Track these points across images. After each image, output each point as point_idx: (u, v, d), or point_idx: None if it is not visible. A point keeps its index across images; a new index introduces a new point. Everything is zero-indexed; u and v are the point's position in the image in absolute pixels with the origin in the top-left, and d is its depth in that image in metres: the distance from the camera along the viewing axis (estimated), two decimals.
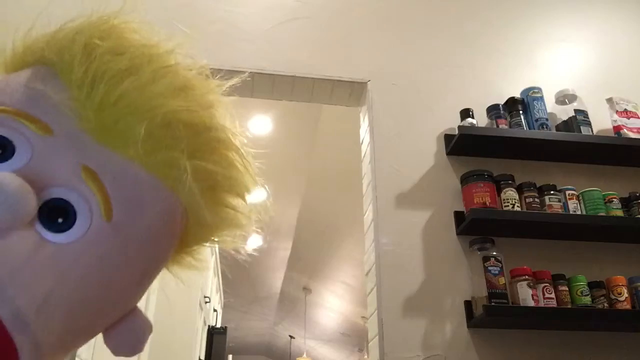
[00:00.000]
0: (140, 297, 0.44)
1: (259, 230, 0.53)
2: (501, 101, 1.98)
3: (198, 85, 0.46)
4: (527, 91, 2.02)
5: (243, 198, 0.49)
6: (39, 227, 0.33)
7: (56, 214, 0.34)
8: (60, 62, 0.40)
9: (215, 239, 0.51)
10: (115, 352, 0.42)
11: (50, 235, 0.33)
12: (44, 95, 0.38)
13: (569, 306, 1.69)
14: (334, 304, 6.99)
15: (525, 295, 1.64)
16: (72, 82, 0.38)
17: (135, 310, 0.43)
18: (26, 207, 0.31)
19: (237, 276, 6.51)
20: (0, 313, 0.30)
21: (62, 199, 0.34)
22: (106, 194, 0.36)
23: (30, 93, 0.38)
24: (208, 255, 4.36)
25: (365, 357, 6.55)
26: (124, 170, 0.37)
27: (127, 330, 0.42)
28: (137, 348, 0.42)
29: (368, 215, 1.91)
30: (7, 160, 0.33)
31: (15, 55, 0.47)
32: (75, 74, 0.39)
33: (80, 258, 0.34)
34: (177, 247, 0.47)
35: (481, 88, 2.09)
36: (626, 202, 1.87)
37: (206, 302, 4.38)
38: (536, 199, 1.80)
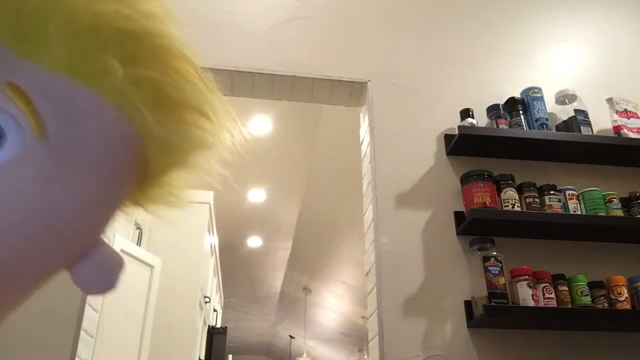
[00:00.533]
0: (100, 229, 0.39)
1: (231, 157, 0.46)
2: (501, 101, 1.98)
3: (168, 18, 0.41)
4: (527, 91, 2.02)
5: (206, 115, 0.42)
6: None
7: None
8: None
9: (185, 165, 0.44)
10: (86, 291, 0.40)
11: None
12: None
13: (569, 306, 1.69)
14: (334, 304, 6.99)
15: (525, 295, 1.64)
16: None
17: (99, 244, 0.39)
18: None
19: (237, 276, 6.51)
20: None
21: None
22: (35, 110, 0.32)
23: None
24: (208, 254, 4.37)
25: (365, 357, 6.55)
26: (52, 83, 0.34)
27: (93, 265, 0.38)
28: (107, 284, 0.39)
29: (368, 215, 1.91)
30: None
31: None
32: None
33: (13, 180, 0.31)
34: (143, 178, 0.42)
35: (481, 88, 2.09)
36: (626, 202, 1.87)
37: (206, 302, 4.38)
38: (536, 199, 1.80)
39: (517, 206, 1.77)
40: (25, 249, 0.32)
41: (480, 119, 1.94)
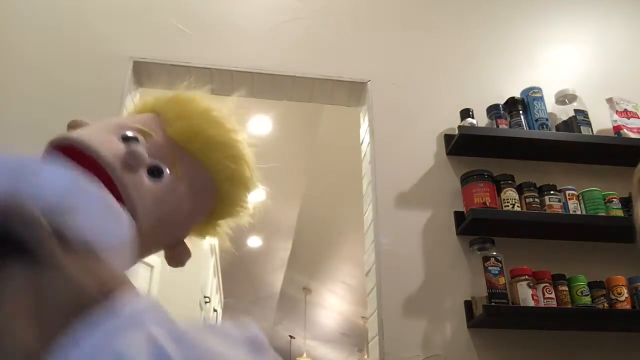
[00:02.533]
0: (185, 235, 0.76)
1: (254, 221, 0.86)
2: (501, 101, 1.98)
3: (232, 126, 0.78)
4: (527, 91, 2.02)
5: (249, 191, 0.81)
6: (148, 175, 0.67)
7: (155, 171, 0.68)
8: (164, 111, 0.76)
9: (230, 215, 0.83)
10: (169, 264, 0.75)
11: (152, 180, 0.67)
12: (154, 124, 0.73)
13: (569, 306, 1.69)
14: (334, 304, 6.99)
15: (525, 295, 1.64)
16: (168, 118, 0.75)
17: (183, 241, 0.76)
18: (144, 159, 0.66)
19: (237, 276, 6.51)
20: (127, 205, 0.63)
21: (159, 164, 0.69)
22: (177, 166, 0.71)
23: (153, 124, 0.73)
24: (208, 254, 4.37)
25: (365, 357, 6.55)
26: (189, 159, 0.73)
27: (178, 252, 0.75)
28: (181, 264, 0.76)
29: (368, 215, 1.91)
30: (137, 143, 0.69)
31: (139, 106, 0.81)
32: (169, 115, 0.75)
33: (165, 194, 0.68)
34: (205, 219, 0.80)
35: (481, 88, 2.09)
36: (626, 202, 1.87)
37: (206, 302, 4.38)
38: (536, 199, 1.80)
39: (517, 206, 1.77)
40: (157, 223, 0.68)
41: (480, 119, 1.94)
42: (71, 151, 0.66)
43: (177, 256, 0.76)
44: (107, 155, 0.65)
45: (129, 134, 0.71)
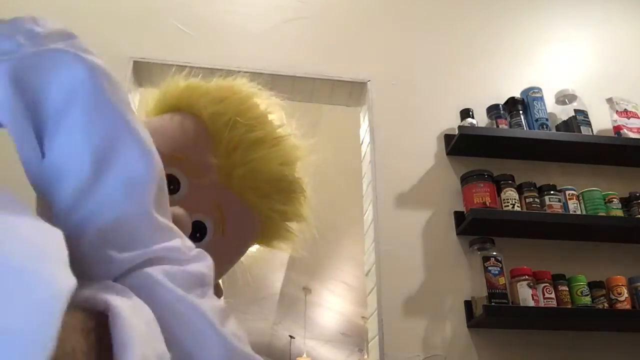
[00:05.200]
0: (222, 275, 0.69)
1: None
2: (501, 101, 1.98)
3: (295, 153, 0.69)
4: (527, 91, 2.02)
5: (300, 224, 0.74)
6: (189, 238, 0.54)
7: (198, 230, 0.58)
8: (211, 126, 0.62)
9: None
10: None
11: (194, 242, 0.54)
12: (201, 148, 0.61)
13: (569, 306, 1.69)
14: (334, 304, 6.99)
15: (525, 295, 1.64)
16: (218, 145, 0.61)
17: (217, 283, 0.68)
18: (189, 228, 0.54)
19: (237, 276, 6.50)
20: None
21: (202, 221, 0.58)
22: (225, 221, 0.60)
23: (193, 146, 0.61)
24: None
25: (365, 357, 6.55)
26: (240, 208, 0.62)
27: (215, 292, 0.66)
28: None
29: (368, 215, 1.91)
30: (175, 193, 0.57)
31: (161, 98, 0.68)
32: (222, 141, 0.61)
33: (206, 253, 0.55)
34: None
35: (481, 88, 2.09)
36: (626, 202, 1.87)
37: None
38: (536, 199, 1.80)
39: (517, 206, 1.77)
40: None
41: (480, 119, 1.94)
42: None
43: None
44: None
45: (172, 175, 0.56)
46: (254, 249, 0.76)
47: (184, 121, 0.63)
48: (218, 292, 0.68)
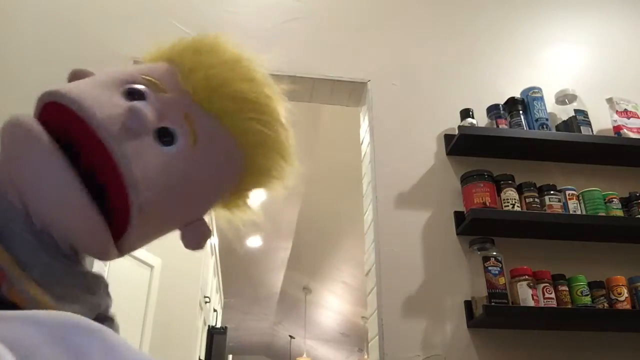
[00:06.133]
0: (205, 211, 0.65)
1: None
2: (501, 101, 1.98)
3: (265, 80, 0.67)
4: (527, 91, 2.02)
5: (285, 160, 0.69)
6: (156, 141, 0.56)
7: (165, 136, 0.57)
8: (181, 60, 0.65)
9: (261, 186, 0.71)
10: (185, 246, 0.64)
11: (161, 147, 0.56)
12: (168, 76, 0.62)
13: (569, 306, 1.69)
14: (334, 304, 6.99)
15: (525, 295, 1.64)
16: (184, 69, 0.63)
17: (201, 219, 0.64)
18: (149, 122, 0.54)
19: (237, 276, 6.51)
20: (128, 182, 0.52)
21: (169, 128, 0.57)
22: (194, 131, 0.59)
23: (166, 76, 0.62)
24: (208, 254, 4.37)
25: (365, 357, 6.55)
26: (209, 121, 0.61)
27: (195, 230, 0.63)
28: (200, 245, 0.64)
29: (368, 215, 1.91)
30: (143, 100, 0.57)
31: (152, 53, 0.70)
32: (187, 65, 0.63)
33: (177, 163, 0.57)
34: (233, 190, 0.68)
35: (481, 88, 2.09)
36: (626, 202, 1.87)
37: (206, 302, 4.38)
38: (536, 199, 1.80)
39: (517, 206, 1.77)
40: (165, 197, 0.56)
41: (480, 119, 1.94)
42: (60, 110, 0.53)
43: (195, 236, 0.63)
44: (102, 115, 0.52)
45: (135, 87, 0.58)
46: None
47: (155, 63, 0.67)
48: (201, 231, 0.64)
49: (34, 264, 0.51)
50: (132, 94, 0.57)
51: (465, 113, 1.93)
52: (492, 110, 1.94)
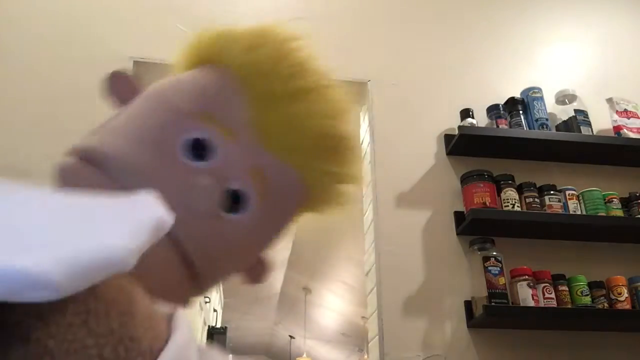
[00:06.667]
0: (267, 249, 0.60)
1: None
2: (501, 101, 1.98)
3: (341, 105, 0.60)
4: (527, 91, 2.02)
5: (349, 185, 0.62)
6: (221, 209, 0.48)
7: (233, 200, 0.48)
8: (244, 78, 0.53)
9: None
10: (245, 282, 0.59)
11: (226, 215, 0.48)
12: (230, 103, 0.52)
13: (569, 306, 1.69)
14: (334, 304, 6.99)
15: (525, 295, 1.64)
16: (253, 100, 0.52)
17: (261, 259, 0.59)
18: (215, 201, 0.46)
19: (237, 276, 6.49)
20: (197, 266, 0.47)
21: (239, 190, 0.49)
22: (269, 187, 0.51)
23: (221, 100, 0.52)
24: None
25: (365, 357, 6.55)
26: (282, 172, 0.53)
27: (257, 272, 0.59)
28: (261, 280, 0.60)
29: (368, 216, 1.91)
30: (204, 159, 0.48)
31: (188, 53, 0.60)
32: (256, 94, 0.52)
33: (247, 227, 0.50)
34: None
35: (481, 88, 2.09)
36: (626, 202, 1.87)
37: (206, 302, 4.38)
38: (536, 199, 1.80)
39: (517, 206, 1.77)
40: (225, 262, 0.51)
41: (480, 119, 1.94)
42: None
43: (256, 277, 0.59)
44: (168, 203, 0.41)
45: (201, 141, 0.47)
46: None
47: (212, 75, 0.54)
48: (264, 269, 0.60)
49: None
50: (197, 149, 0.47)
51: (465, 113, 1.93)
52: (492, 110, 1.94)
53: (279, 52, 0.57)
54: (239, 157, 0.50)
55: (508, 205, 1.76)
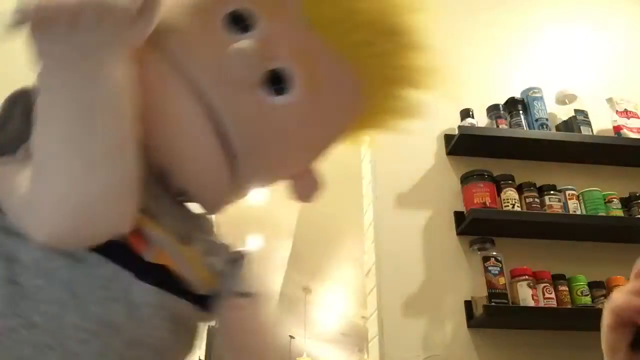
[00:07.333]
0: (317, 159, 0.57)
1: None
2: (501, 101, 1.98)
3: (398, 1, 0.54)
4: (527, 91, 2.01)
5: (416, 89, 0.59)
6: (264, 89, 0.45)
7: (276, 82, 0.45)
8: None
9: (381, 126, 0.63)
10: (294, 198, 0.57)
11: (270, 98, 0.45)
12: None
13: (569, 306, 1.69)
14: (334, 304, 6.99)
15: (525, 295, 1.64)
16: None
17: (312, 169, 0.56)
18: (259, 68, 0.43)
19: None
20: (231, 139, 0.44)
21: (282, 70, 0.46)
22: (316, 73, 0.47)
23: None
24: None
25: (365, 357, 6.55)
26: (332, 58, 0.49)
27: (304, 182, 0.56)
28: (309, 198, 0.57)
29: (368, 216, 1.91)
30: (248, 31, 0.46)
31: None
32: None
33: (290, 114, 0.47)
34: (352, 127, 0.59)
35: (481, 88, 2.09)
36: (626, 202, 1.87)
37: None
38: (536, 199, 1.80)
39: (517, 206, 1.77)
40: (275, 160, 0.50)
41: (480, 119, 1.94)
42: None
43: (305, 189, 0.56)
44: (199, 64, 0.43)
45: (240, 12, 0.45)
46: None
47: None
48: (310, 182, 0.56)
49: (165, 213, 0.47)
50: (237, 21, 0.45)
51: (465, 113, 1.93)
52: (492, 110, 1.94)
53: None
54: (283, 34, 0.46)
55: (508, 205, 1.76)
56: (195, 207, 0.56)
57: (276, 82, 0.46)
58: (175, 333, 0.46)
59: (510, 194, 1.78)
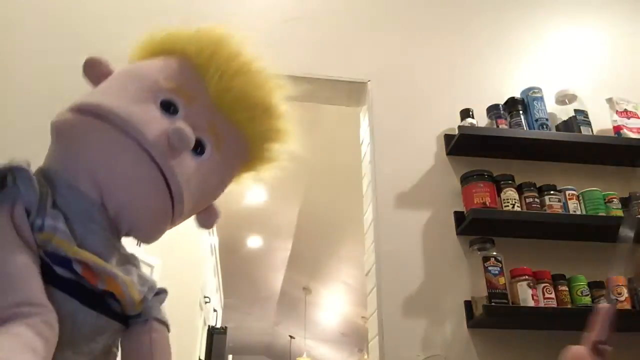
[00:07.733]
0: (218, 197, 0.77)
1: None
2: (501, 101, 1.98)
3: (273, 83, 0.79)
4: (527, 91, 2.02)
5: (281, 143, 0.82)
6: (192, 153, 0.66)
7: (198, 146, 0.66)
8: (196, 60, 0.72)
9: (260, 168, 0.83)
10: (199, 226, 0.77)
11: (195, 158, 0.66)
12: (191, 79, 0.70)
13: (569, 306, 1.69)
14: (334, 304, 6.99)
15: (525, 295, 1.64)
16: (207, 75, 0.72)
17: (212, 204, 0.77)
18: (191, 142, 0.63)
19: (237, 276, 6.51)
20: (174, 192, 0.64)
21: (202, 139, 0.67)
22: (219, 140, 0.69)
23: (188, 78, 0.70)
24: (208, 254, 4.37)
25: (365, 357, 6.54)
26: (231, 129, 0.72)
27: (208, 214, 0.76)
28: (212, 225, 0.78)
29: (368, 216, 1.91)
30: (175, 115, 0.66)
31: (150, 44, 0.77)
32: (210, 72, 0.72)
33: (205, 169, 0.67)
34: (241, 172, 0.80)
35: (481, 88, 2.09)
36: (626, 202, 1.87)
37: (206, 302, 4.38)
38: (536, 199, 1.80)
39: (517, 206, 1.77)
40: (197, 198, 0.68)
41: (480, 119, 1.94)
42: (103, 120, 0.62)
43: (209, 219, 0.77)
44: (152, 137, 0.61)
45: (169, 100, 0.67)
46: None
47: (171, 59, 0.73)
48: (213, 214, 0.77)
49: (111, 254, 0.65)
50: (167, 107, 0.66)
51: (465, 113, 1.93)
52: (492, 110, 1.94)
53: (219, 42, 0.75)
54: (199, 115, 0.68)
55: (508, 205, 1.76)
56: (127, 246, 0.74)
57: (197, 146, 0.67)
58: (105, 344, 0.66)
59: (510, 194, 1.78)
